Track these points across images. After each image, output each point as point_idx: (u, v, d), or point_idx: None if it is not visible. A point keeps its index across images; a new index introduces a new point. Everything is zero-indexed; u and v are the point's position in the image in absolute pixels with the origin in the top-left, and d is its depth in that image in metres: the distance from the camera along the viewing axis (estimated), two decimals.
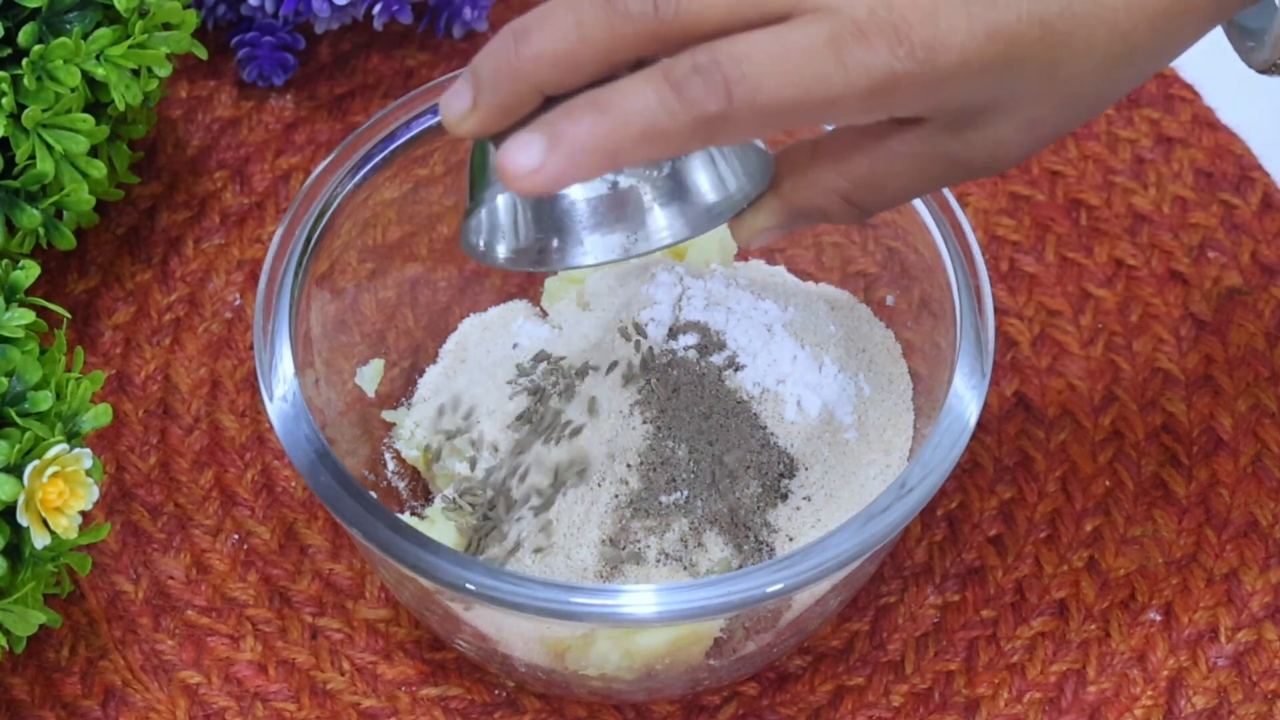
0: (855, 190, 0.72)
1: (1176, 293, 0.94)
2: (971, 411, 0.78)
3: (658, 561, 0.79)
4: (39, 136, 0.85)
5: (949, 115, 0.69)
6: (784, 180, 0.73)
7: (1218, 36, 1.04)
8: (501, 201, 0.75)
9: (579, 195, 0.75)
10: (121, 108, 0.87)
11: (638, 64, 0.68)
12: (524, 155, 0.66)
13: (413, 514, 0.86)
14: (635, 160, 0.67)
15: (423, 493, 0.87)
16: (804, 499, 0.81)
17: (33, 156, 0.85)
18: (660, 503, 0.80)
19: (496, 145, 0.69)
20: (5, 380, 0.77)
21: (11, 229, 0.87)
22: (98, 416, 0.79)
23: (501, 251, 0.76)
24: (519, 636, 0.79)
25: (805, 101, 0.67)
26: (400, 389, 0.88)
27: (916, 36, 0.67)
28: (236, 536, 0.88)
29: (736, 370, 0.82)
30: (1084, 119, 0.71)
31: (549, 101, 0.68)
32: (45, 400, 0.77)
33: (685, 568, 0.79)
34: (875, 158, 0.71)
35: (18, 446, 0.76)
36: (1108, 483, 0.89)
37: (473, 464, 0.82)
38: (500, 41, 0.68)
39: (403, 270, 0.88)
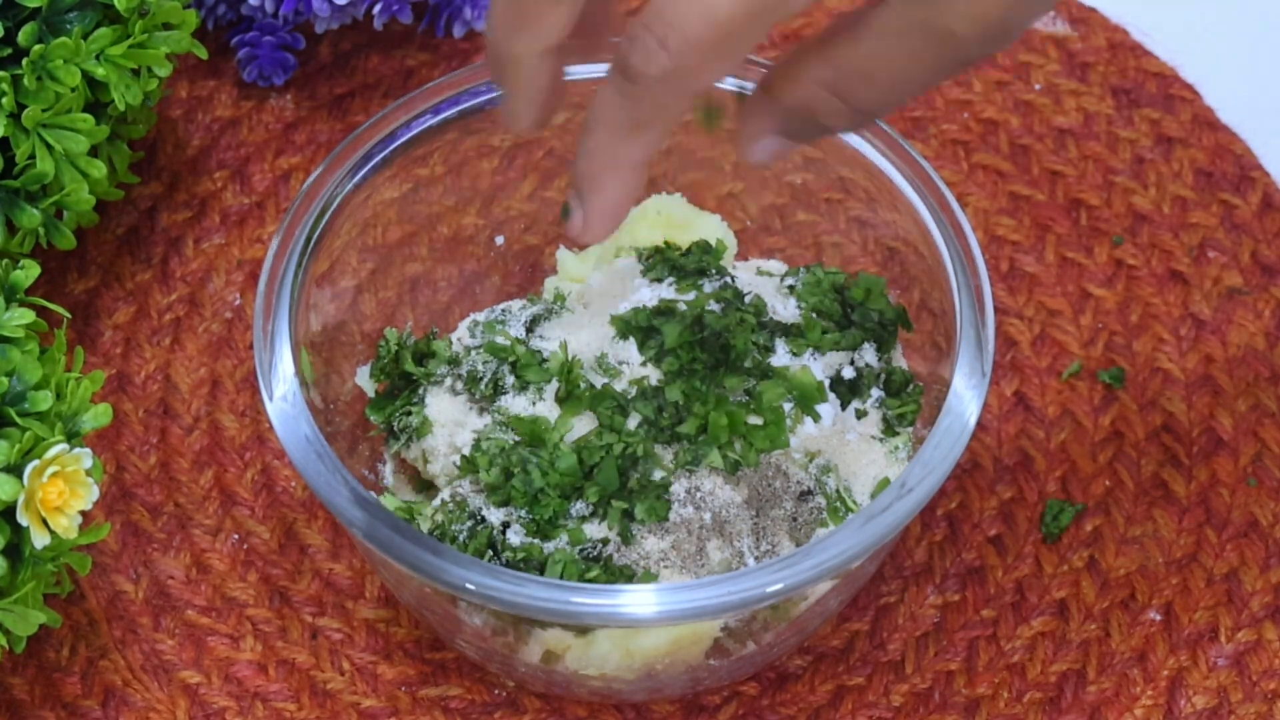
0: (842, 80, 0.69)
1: (1176, 293, 0.94)
2: (971, 411, 0.78)
3: (658, 561, 0.79)
4: (39, 136, 0.85)
5: None
6: (773, 79, 0.71)
7: (1218, 36, 1.04)
8: None
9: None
10: (121, 108, 0.87)
11: None
12: (572, 227, 0.73)
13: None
14: (648, 146, 0.69)
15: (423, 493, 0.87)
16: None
17: (33, 156, 0.85)
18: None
19: None
20: (5, 380, 0.77)
21: (11, 229, 0.87)
22: (98, 416, 0.79)
23: None
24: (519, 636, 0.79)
25: (747, 9, 0.66)
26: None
27: None
28: (236, 536, 0.88)
29: None
30: None
31: None
32: (45, 400, 0.77)
33: (685, 568, 0.79)
34: (856, 39, 0.68)
35: (18, 446, 0.76)
36: (1108, 483, 0.89)
37: (472, 464, 0.82)
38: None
39: (403, 270, 0.88)
